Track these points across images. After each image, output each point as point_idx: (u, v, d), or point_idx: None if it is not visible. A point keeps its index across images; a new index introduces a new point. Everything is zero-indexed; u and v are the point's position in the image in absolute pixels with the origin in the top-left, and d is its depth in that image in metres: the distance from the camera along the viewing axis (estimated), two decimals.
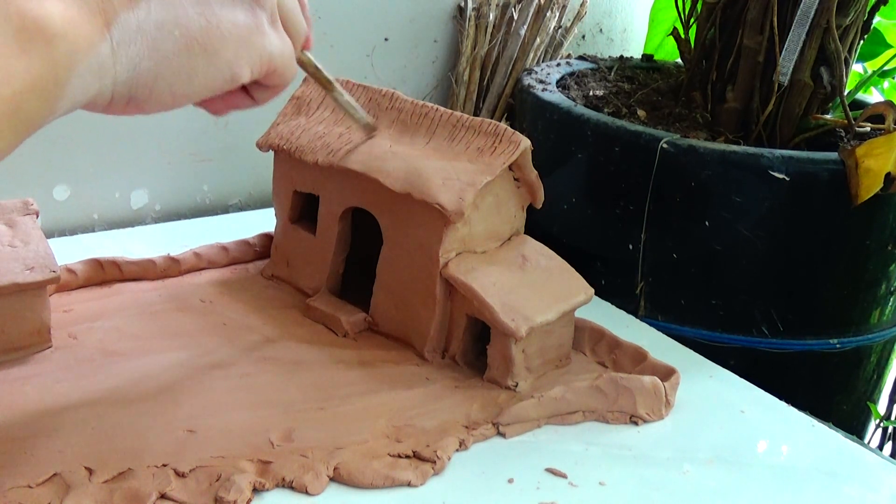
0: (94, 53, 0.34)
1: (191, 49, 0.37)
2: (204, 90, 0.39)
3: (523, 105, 0.86)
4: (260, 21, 0.40)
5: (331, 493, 0.47)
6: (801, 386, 0.77)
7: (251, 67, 0.41)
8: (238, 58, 0.39)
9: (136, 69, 0.36)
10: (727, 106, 0.81)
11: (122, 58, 0.36)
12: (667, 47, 1.10)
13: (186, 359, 0.58)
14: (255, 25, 0.40)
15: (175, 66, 0.37)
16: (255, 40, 0.40)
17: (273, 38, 0.41)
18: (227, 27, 0.39)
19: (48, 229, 0.82)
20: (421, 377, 0.58)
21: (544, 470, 0.51)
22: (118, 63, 0.35)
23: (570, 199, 0.79)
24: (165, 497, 0.45)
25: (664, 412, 0.57)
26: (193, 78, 0.38)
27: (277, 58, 0.42)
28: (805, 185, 0.70)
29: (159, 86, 0.37)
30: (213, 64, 0.39)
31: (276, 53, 0.42)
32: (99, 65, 0.35)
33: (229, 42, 0.39)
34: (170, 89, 0.38)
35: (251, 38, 0.40)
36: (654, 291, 0.75)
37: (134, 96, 0.37)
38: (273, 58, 0.42)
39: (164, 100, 0.38)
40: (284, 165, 0.67)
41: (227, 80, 0.40)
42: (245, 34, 0.40)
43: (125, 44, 0.35)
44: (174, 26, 0.37)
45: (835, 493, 0.51)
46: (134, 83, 0.37)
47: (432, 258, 0.58)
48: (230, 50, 0.39)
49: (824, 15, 0.76)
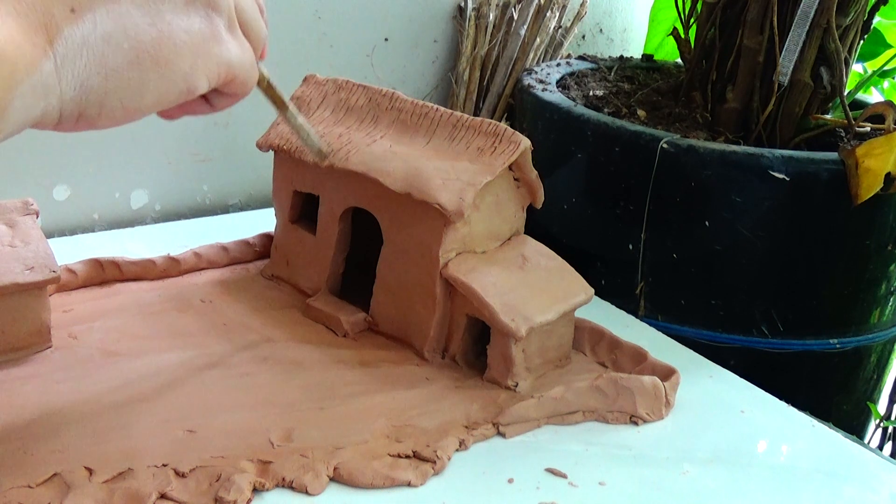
0: (35, 72, 0.32)
1: (141, 62, 0.35)
2: (158, 103, 0.37)
3: (523, 105, 0.86)
4: (216, 28, 0.38)
5: (331, 493, 0.47)
6: (801, 386, 0.77)
7: (208, 77, 0.38)
8: (194, 68, 0.37)
9: (84, 86, 0.34)
10: (727, 106, 0.81)
11: (68, 75, 0.34)
12: (667, 47, 1.10)
13: (186, 359, 0.58)
14: (212, 33, 0.38)
15: (125, 80, 0.35)
16: (212, 49, 0.38)
17: (231, 45, 0.39)
18: (181, 37, 0.36)
19: (48, 229, 0.82)
20: (421, 377, 0.58)
21: (544, 470, 0.51)
22: (63, 80, 0.34)
23: (570, 199, 0.79)
24: (165, 497, 0.45)
25: (664, 412, 0.57)
26: (146, 92, 0.36)
27: (237, 66, 0.40)
28: (805, 185, 0.70)
29: (110, 101, 0.35)
30: (166, 76, 0.36)
31: (234, 62, 0.39)
32: (42, 84, 0.33)
33: (183, 52, 0.37)
34: (121, 104, 0.36)
35: (207, 46, 0.38)
36: (654, 291, 0.75)
37: (83, 113, 0.35)
38: (232, 66, 0.39)
39: (115, 115, 0.36)
40: (284, 165, 0.67)
41: (182, 91, 0.37)
42: (200, 43, 0.37)
43: (70, 60, 0.33)
44: (122, 38, 0.35)
45: (835, 493, 0.51)
46: (82, 100, 0.35)
47: (432, 258, 0.58)
48: (185, 60, 0.37)
49: (824, 15, 0.76)
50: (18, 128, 0.34)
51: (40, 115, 0.34)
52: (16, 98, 0.32)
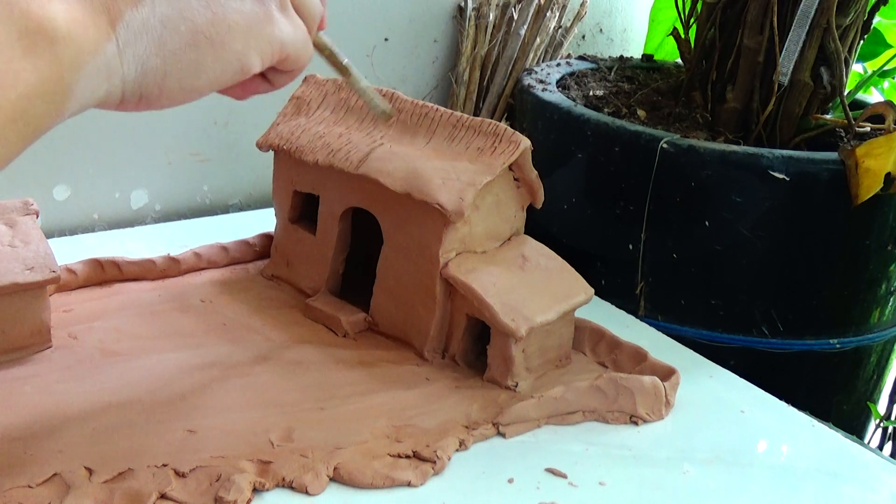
0: (100, 54, 0.34)
1: (198, 43, 0.37)
2: (214, 83, 0.39)
3: (523, 105, 0.86)
4: (268, 8, 0.39)
5: (331, 493, 0.47)
6: (801, 386, 0.77)
7: (261, 57, 0.40)
8: (247, 48, 0.39)
9: (144, 67, 0.36)
10: (727, 106, 0.81)
11: (129, 57, 0.35)
12: (667, 47, 1.10)
13: (186, 359, 0.58)
14: (264, 13, 0.39)
15: (183, 62, 0.37)
16: (264, 29, 0.39)
17: (283, 24, 0.40)
18: (234, 17, 0.38)
19: (48, 229, 0.82)
20: (421, 377, 0.58)
21: (544, 470, 0.51)
22: (125, 62, 0.35)
23: (570, 199, 0.79)
24: (165, 497, 0.45)
25: (664, 412, 0.57)
26: (202, 72, 0.38)
27: (290, 44, 0.41)
28: (805, 185, 0.70)
29: (169, 82, 0.37)
30: (221, 56, 0.38)
31: (287, 40, 0.41)
32: (106, 65, 0.34)
33: (237, 33, 0.38)
34: (179, 85, 0.37)
35: (260, 26, 0.39)
36: (654, 291, 0.75)
37: (144, 94, 0.37)
38: (284, 45, 0.41)
39: (174, 95, 0.38)
40: (284, 165, 0.67)
41: (237, 71, 0.39)
42: (253, 23, 0.39)
43: (131, 42, 0.35)
44: (180, 21, 0.36)
45: (835, 493, 0.51)
46: (143, 81, 0.36)
47: (432, 258, 0.58)
48: (238, 41, 0.38)
49: (824, 15, 0.76)
50: (83, 107, 0.35)
51: (104, 95, 0.35)
52: (81, 79, 0.33)
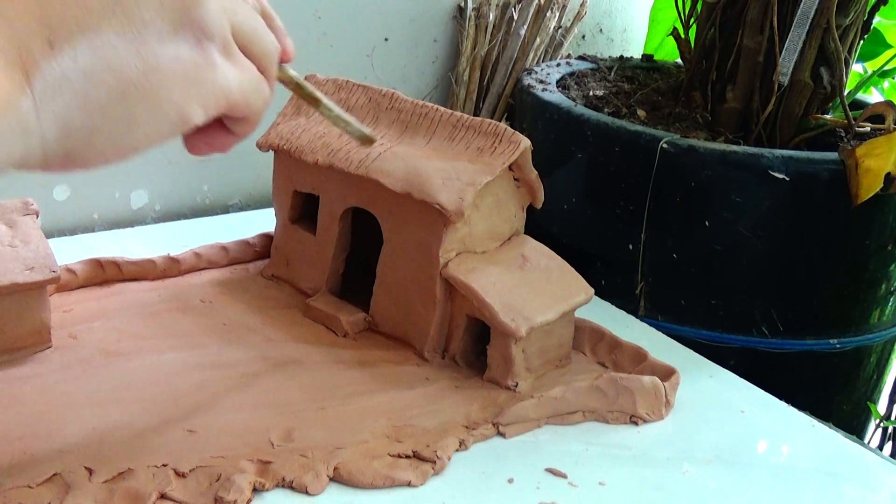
0: (12, 111, 0.30)
1: (127, 95, 0.33)
2: (150, 138, 0.35)
3: (523, 105, 0.86)
4: (208, 53, 0.35)
5: (331, 493, 0.47)
6: (801, 386, 0.77)
7: (203, 106, 0.36)
8: (187, 98, 0.35)
9: (67, 124, 0.32)
10: (727, 106, 0.81)
11: (48, 113, 0.31)
12: (667, 47, 1.10)
13: (186, 359, 0.58)
14: (203, 59, 0.35)
15: (112, 116, 0.33)
16: (205, 75, 0.35)
17: (227, 69, 0.36)
18: (170, 66, 0.34)
19: (48, 229, 0.82)
20: (421, 377, 0.58)
21: (544, 470, 0.51)
22: (44, 119, 0.31)
23: (570, 199, 0.79)
24: (165, 497, 0.45)
25: (664, 412, 0.57)
26: (135, 127, 0.34)
27: (235, 91, 0.37)
28: (805, 185, 0.70)
29: (97, 139, 0.33)
30: (156, 109, 0.34)
31: (232, 87, 0.37)
32: (20, 123, 0.31)
33: (173, 82, 0.34)
34: (110, 141, 0.33)
35: (199, 73, 0.35)
36: (654, 291, 0.75)
37: (70, 153, 0.33)
38: (230, 91, 0.37)
39: (106, 154, 0.34)
40: (284, 165, 0.67)
41: (175, 124, 0.35)
42: (192, 70, 0.35)
43: (49, 97, 0.31)
44: (106, 72, 0.32)
45: (835, 493, 0.51)
46: (67, 139, 0.32)
47: (432, 258, 0.58)
48: (176, 91, 0.34)
49: (824, 15, 0.76)
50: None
51: (21, 156, 0.31)
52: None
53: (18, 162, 0.32)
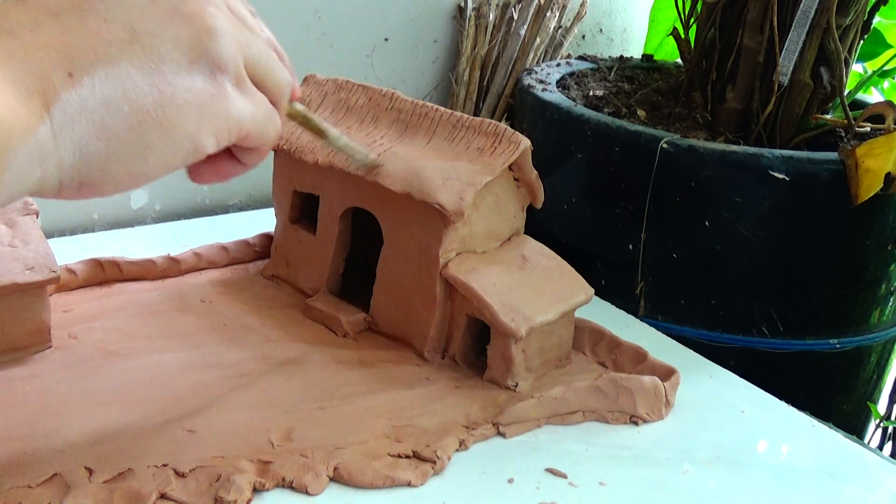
0: (31, 138, 0.31)
1: (143, 124, 0.34)
2: (164, 166, 0.36)
3: (523, 105, 0.86)
4: (222, 85, 0.37)
5: (331, 493, 0.47)
6: (801, 386, 0.77)
7: (216, 136, 0.37)
8: (200, 128, 0.36)
9: (83, 151, 0.33)
10: (727, 106, 0.81)
11: (66, 141, 0.33)
12: (667, 47, 1.10)
13: (186, 359, 0.58)
14: (217, 90, 0.37)
15: (127, 144, 0.34)
16: (218, 106, 0.37)
17: (239, 101, 0.38)
18: (184, 96, 0.35)
19: (48, 229, 0.82)
20: (421, 377, 0.58)
21: (544, 470, 0.51)
22: (61, 146, 0.33)
23: (570, 199, 0.79)
24: (165, 497, 0.45)
25: (664, 412, 0.57)
26: (149, 155, 0.35)
27: (248, 122, 0.38)
28: (805, 185, 0.70)
29: (112, 167, 0.34)
30: (170, 138, 0.35)
31: (244, 117, 0.38)
32: (39, 150, 0.32)
33: (187, 112, 0.35)
34: (125, 169, 0.35)
35: (212, 104, 0.36)
36: (654, 291, 0.75)
37: (86, 180, 0.34)
38: (242, 122, 0.38)
39: (120, 180, 0.35)
40: (284, 165, 0.67)
41: (188, 152, 0.36)
42: (205, 101, 0.36)
43: (68, 126, 0.32)
44: (122, 102, 0.34)
45: (835, 493, 0.51)
46: (83, 166, 0.34)
47: (432, 258, 0.58)
48: (190, 121, 0.36)
49: (824, 15, 0.76)
50: (14, 195, 0.32)
51: (38, 182, 0.33)
52: (10, 165, 0.31)
53: (35, 187, 0.33)
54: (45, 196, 0.35)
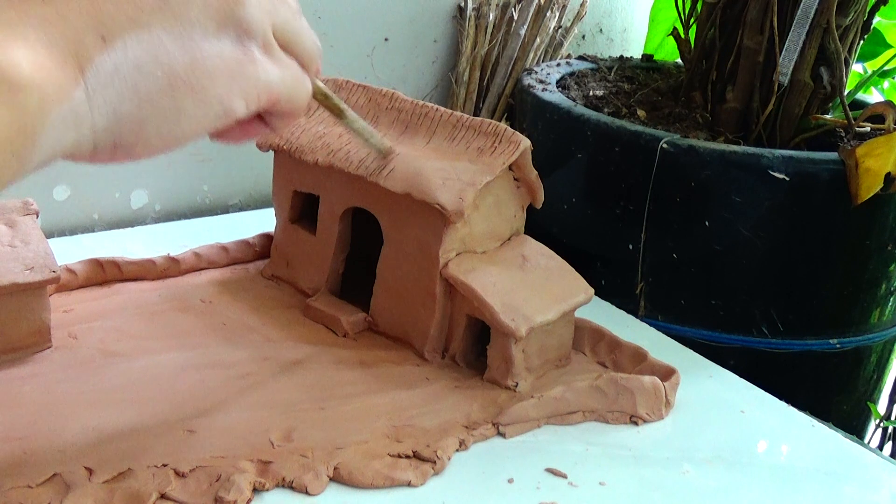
0: (66, 101, 0.32)
1: (175, 88, 0.35)
2: (196, 129, 0.37)
3: (523, 105, 0.86)
4: (249, 50, 0.38)
5: (331, 493, 0.47)
6: (801, 386, 0.77)
7: (245, 100, 0.38)
8: (229, 92, 0.37)
9: (117, 114, 0.34)
10: (727, 106, 0.81)
11: (99, 103, 0.34)
12: (667, 47, 1.10)
13: (186, 359, 0.58)
14: (244, 55, 0.38)
15: (160, 108, 0.35)
16: (247, 71, 0.38)
17: (268, 66, 0.39)
18: (214, 61, 0.36)
19: (48, 229, 0.82)
20: (421, 377, 0.58)
21: (544, 470, 0.51)
22: (95, 109, 0.34)
23: (570, 199, 0.79)
24: (165, 497, 0.45)
25: (664, 412, 0.57)
26: (181, 118, 0.36)
27: (277, 86, 0.39)
28: (805, 185, 0.70)
29: (145, 130, 0.35)
30: (201, 101, 0.36)
31: (273, 82, 0.39)
32: (73, 113, 0.33)
33: (217, 76, 0.37)
34: (157, 132, 0.36)
35: (241, 69, 0.37)
36: (654, 291, 0.75)
37: (119, 143, 0.35)
38: (271, 87, 0.39)
39: (153, 143, 0.36)
40: (284, 165, 0.67)
41: (219, 115, 0.37)
42: (234, 66, 0.37)
43: (101, 88, 0.33)
44: (154, 66, 0.35)
45: (835, 493, 0.51)
46: (116, 129, 0.35)
47: (432, 258, 0.58)
48: (219, 85, 0.37)
49: (824, 15, 0.76)
50: (50, 158, 0.33)
51: (72, 145, 0.34)
52: (47, 127, 0.32)
53: (70, 150, 0.34)
54: (79, 160, 0.36)
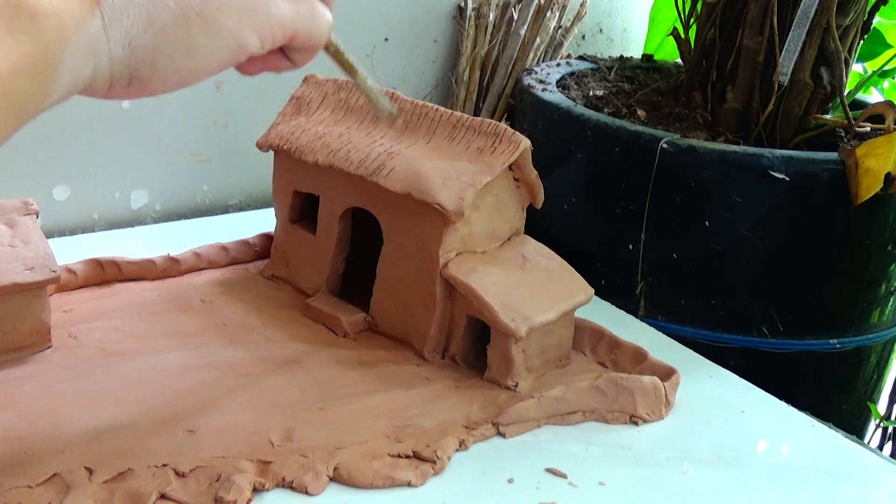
0: (84, 29, 0.33)
1: (188, 19, 0.36)
2: (210, 63, 0.38)
3: (523, 105, 0.86)
4: None
5: (331, 493, 0.47)
6: (801, 386, 0.77)
7: (259, 35, 0.39)
8: (242, 26, 0.38)
9: (132, 44, 0.35)
10: (727, 106, 0.81)
11: (115, 33, 0.34)
12: (667, 47, 1.10)
13: (186, 359, 0.58)
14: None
15: (174, 39, 0.36)
16: (259, 6, 0.38)
17: (281, 2, 0.39)
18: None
19: (48, 229, 0.82)
20: (421, 377, 0.58)
21: (544, 470, 0.51)
22: (111, 38, 0.34)
23: (570, 199, 0.79)
24: (165, 497, 0.45)
25: (664, 412, 0.57)
26: (195, 51, 0.37)
27: (291, 21, 0.40)
28: (805, 185, 0.70)
29: (160, 62, 0.36)
30: (214, 34, 0.37)
31: (287, 17, 0.39)
32: (91, 41, 0.34)
33: (229, 10, 0.37)
34: (172, 65, 0.36)
35: (254, 4, 0.38)
36: (654, 291, 0.75)
37: (135, 75, 0.36)
38: (285, 22, 0.39)
39: (168, 77, 0.37)
40: (284, 165, 0.67)
41: (233, 50, 0.38)
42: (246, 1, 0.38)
43: (117, 17, 0.34)
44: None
45: (835, 493, 0.51)
46: (132, 60, 0.35)
47: (432, 258, 0.58)
48: (232, 19, 0.37)
49: (824, 15, 0.76)
50: (70, 88, 0.34)
51: (90, 75, 0.35)
52: (66, 55, 0.33)
53: (87, 81, 0.35)
54: (96, 94, 0.36)
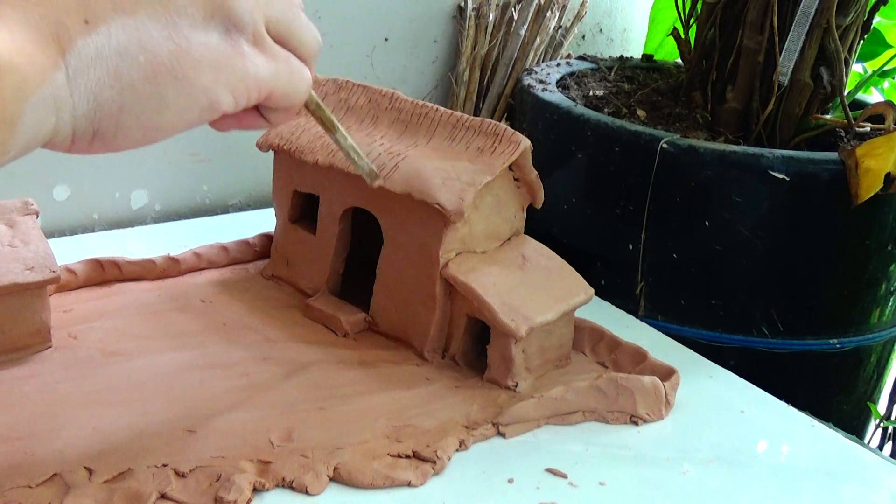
0: (47, 84, 0.31)
1: (158, 76, 0.34)
2: (179, 121, 0.36)
3: (523, 105, 0.86)
4: (237, 43, 0.37)
5: (331, 493, 0.47)
6: (801, 386, 0.77)
7: (233, 94, 0.37)
8: (215, 83, 0.36)
9: (98, 100, 0.33)
10: (727, 106, 0.81)
11: (80, 87, 0.33)
12: (667, 47, 1.10)
13: (186, 359, 0.58)
14: (232, 48, 0.36)
15: (142, 95, 0.34)
16: (234, 64, 0.37)
17: (257, 59, 0.38)
18: (199, 51, 0.35)
19: (48, 229, 0.82)
20: (421, 377, 0.58)
21: (544, 470, 0.51)
22: (76, 93, 0.33)
23: (570, 199, 0.79)
24: (165, 497, 0.45)
25: (664, 412, 0.57)
26: (164, 108, 0.35)
27: (268, 80, 0.38)
28: (805, 185, 0.70)
29: (126, 118, 0.34)
30: (185, 91, 0.35)
31: (263, 76, 0.38)
32: (54, 96, 0.32)
33: (203, 67, 0.35)
34: (138, 121, 0.35)
35: (228, 61, 0.36)
36: (654, 291, 0.75)
37: (99, 131, 0.34)
38: (261, 81, 0.38)
39: (133, 134, 0.35)
40: (284, 165, 0.67)
41: (204, 108, 0.36)
42: (220, 58, 0.36)
43: (83, 73, 0.33)
44: (138, 51, 0.34)
45: (835, 493, 0.51)
46: (96, 116, 0.34)
47: (432, 258, 0.58)
48: (205, 75, 0.36)
49: (824, 15, 0.76)
50: (29, 145, 0.32)
51: (52, 130, 0.33)
52: (26, 111, 0.31)
53: (48, 136, 0.33)
54: (57, 149, 0.35)
